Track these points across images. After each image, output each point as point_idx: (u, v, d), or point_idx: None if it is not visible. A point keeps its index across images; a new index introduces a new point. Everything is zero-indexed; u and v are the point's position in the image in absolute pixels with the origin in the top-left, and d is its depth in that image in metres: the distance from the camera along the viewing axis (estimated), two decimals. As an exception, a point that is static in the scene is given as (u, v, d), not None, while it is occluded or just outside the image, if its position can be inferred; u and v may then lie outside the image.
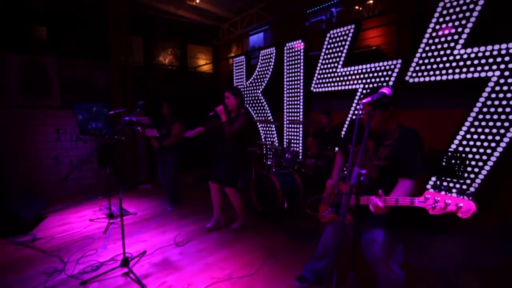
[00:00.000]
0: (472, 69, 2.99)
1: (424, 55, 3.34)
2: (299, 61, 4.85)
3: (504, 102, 2.81)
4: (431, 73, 3.29)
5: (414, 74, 3.44)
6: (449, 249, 2.79)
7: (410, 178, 1.53)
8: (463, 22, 3.00)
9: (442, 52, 3.19)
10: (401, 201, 1.35)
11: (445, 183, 3.14)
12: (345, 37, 4.16)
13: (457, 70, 3.09)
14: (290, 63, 5.01)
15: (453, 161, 3.09)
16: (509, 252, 2.70)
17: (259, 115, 5.77)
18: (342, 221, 1.29)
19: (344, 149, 2.05)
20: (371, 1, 5.56)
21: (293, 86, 5.01)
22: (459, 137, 3.12)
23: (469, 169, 3.06)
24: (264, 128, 5.72)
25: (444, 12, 3.14)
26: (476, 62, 2.95)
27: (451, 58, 3.12)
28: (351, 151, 1.40)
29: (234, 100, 2.96)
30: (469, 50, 2.99)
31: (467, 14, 2.96)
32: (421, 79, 3.38)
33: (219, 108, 2.93)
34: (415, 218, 2.98)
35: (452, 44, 3.11)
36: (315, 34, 5.77)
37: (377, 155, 1.65)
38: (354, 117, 4.11)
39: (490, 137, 2.92)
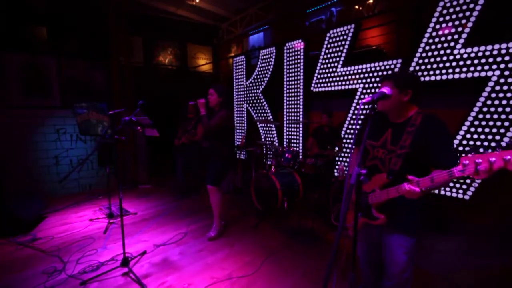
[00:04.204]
0: (472, 68, 2.98)
1: (424, 54, 3.33)
2: (299, 60, 4.84)
3: (504, 102, 2.81)
4: (431, 72, 3.28)
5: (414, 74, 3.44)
6: (449, 249, 2.78)
7: (445, 169, 1.22)
8: (463, 21, 2.99)
9: (442, 52, 3.18)
10: (437, 177, 1.23)
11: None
12: (345, 36, 4.15)
13: (457, 70, 3.08)
14: (290, 62, 5.00)
15: (453, 161, 3.07)
16: (509, 252, 2.70)
17: (259, 115, 5.76)
18: (341, 222, 1.28)
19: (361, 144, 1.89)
20: (371, 1, 5.55)
21: (293, 86, 5.00)
22: (459, 137, 3.11)
23: (469, 168, 3.05)
24: (264, 128, 5.72)
25: (444, 11, 3.13)
26: (476, 61, 2.95)
27: (451, 57, 3.12)
28: (362, 145, 1.28)
29: (216, 98, 2.86)
30: (469, 50, 2.99)
31: (467, 13, 2.96)
32: (421, 79, 3.37)
33: (201, 101, 2.82)
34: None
35: (452, 44, 3.10)
36: (315, 34, 5.76)
37: (399, 144, 1.51)
38: (354, 116, 4.11)
39: (490, 137, 2.91)
